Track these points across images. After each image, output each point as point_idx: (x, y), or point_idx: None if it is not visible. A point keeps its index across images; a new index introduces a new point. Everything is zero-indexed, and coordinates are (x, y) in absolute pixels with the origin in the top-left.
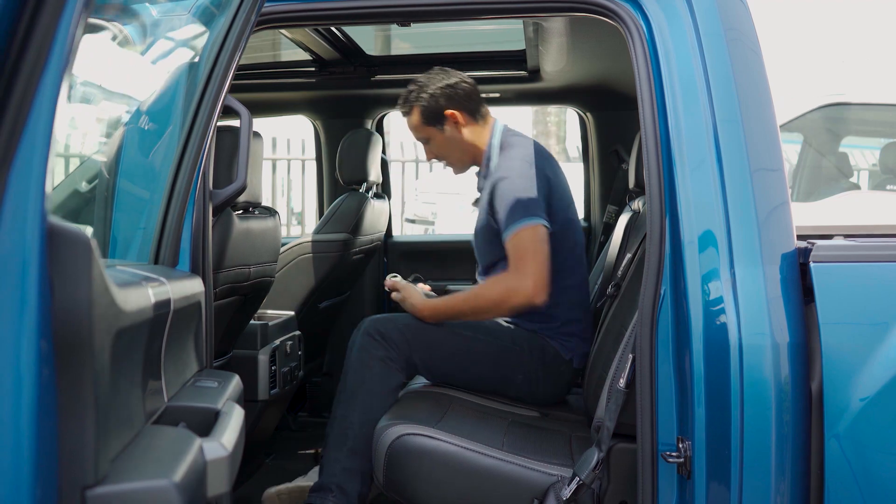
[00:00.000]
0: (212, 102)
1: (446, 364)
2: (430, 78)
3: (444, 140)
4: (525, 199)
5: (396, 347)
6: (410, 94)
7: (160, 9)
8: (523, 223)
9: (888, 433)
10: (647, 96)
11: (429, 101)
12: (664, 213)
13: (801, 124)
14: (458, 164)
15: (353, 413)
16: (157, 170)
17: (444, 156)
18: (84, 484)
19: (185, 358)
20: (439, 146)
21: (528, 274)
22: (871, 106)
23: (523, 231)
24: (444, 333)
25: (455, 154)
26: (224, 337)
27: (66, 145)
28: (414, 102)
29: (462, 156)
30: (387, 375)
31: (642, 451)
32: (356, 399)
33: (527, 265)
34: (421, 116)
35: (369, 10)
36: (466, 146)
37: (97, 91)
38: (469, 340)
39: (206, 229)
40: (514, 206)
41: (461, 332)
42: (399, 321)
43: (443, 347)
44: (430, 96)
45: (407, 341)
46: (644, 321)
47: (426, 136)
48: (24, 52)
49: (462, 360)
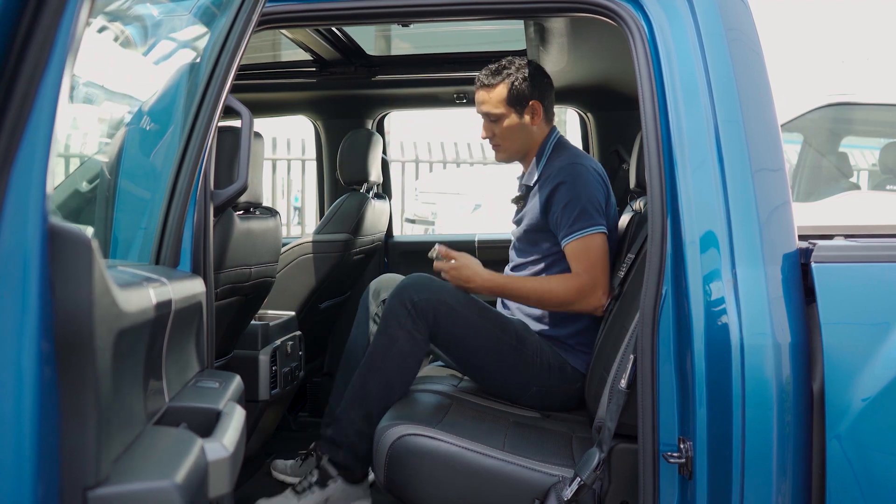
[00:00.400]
0: (213, 103)
1: (467, 355)
2: (524, 62)
3: (515, 125)
4: (591, 205)
5: (425, 322)
6: (504, 68)
7: (161, 9)
8: (592, 229)
9: (889, 433)
10: (648, 96)
11: (521, 83)
12: (665, 214)
13: (801, 124)
14: (510, 152)
15: (372, 380)
16: (158, 170)
17: (506, 139)
18: (85, 484)
19: (186, 358)
20: (507, 129)
21: (599, 282)
22: (871, 106)
23: (594, 238)
24: (475, 326)
25: (516, 142)
26: (225, 337)
27: (67, 145)
28: (506, 78)
29: (521, 146)
30: (411, 347)
31: (643, 452)
32: (378, 367)
33: (598, 272)
34: (508, 94)
35: (369, 10)
36: (530, 139)
37: (99, 91)
38: (497, 341)
39: (208, 230)
40: (581, 210)
41: (492, 330)
42: (436, 294)
43: (470, 339)
44: (525, 79)
45: (436, 320)
46: (645, 321)
47: (500, 114)
48: (25, 51)
49: (483, 357)
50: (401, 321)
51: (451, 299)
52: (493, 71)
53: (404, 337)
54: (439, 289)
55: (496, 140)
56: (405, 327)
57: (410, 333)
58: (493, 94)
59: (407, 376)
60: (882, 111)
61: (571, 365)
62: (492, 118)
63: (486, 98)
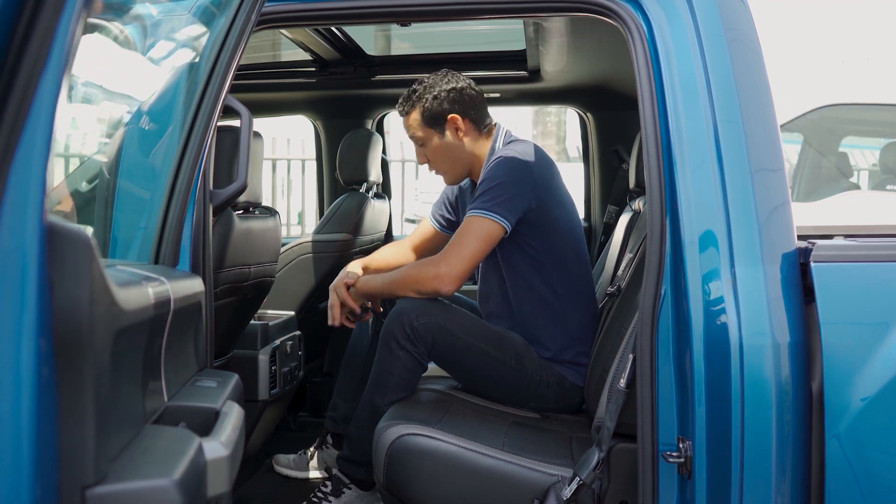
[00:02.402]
0: (212, 102)
1: (465, 375)
2: (436, 79)
3: (440, 145)
4: (504, 194)
5: (424, 344)
6: (414, 92)
7: (160, 9)
8: (486, 213)
9: (889, 433)
10: (647, 96)
11: (432, 103)
12: (665, 213)
13: (801, 124)
14: (450, 174)
15: (383, 399)
16: (157, 169)
17: (438, 161)
18: (84, 483)
19: (185, 358)
20: (434, 151)
21: (446, 262)
22: (871, 106)
23: (479, 220)
24: (473, 349)
25: (449, 162)
26: (224, 337)
27: (66, 145)
28: (416, 102)
29: (455, 165)
30: (413, 365)
31: (643, 451)
32: (387, 387)
33: (453, 252)
34: (421, 117)
35: (369, 10)
36: (464, 155)
37: (98, 91)
38: (495, 363)
39: (207, 229)
40: (490, 194)
41: (491, 352)
42: (434, 319)
43: (467, 361)
44: (434, 98)
45: (434, 343)
46: (644, 321)
47: (423, 138)
48: (23, 50)
49: (481, 378)
50: (400, 343)
51: (449, 324)
52: (405, 97)
53: (405, 357)
54: (440, 313)
55: (431, 165)
56: (405, 348)
57: (410, 353)
58: (410, 119)
59: (411, 390)
60: (882, 111)
61: (570, 381)
62: (418, 142)
63: (407, 124)
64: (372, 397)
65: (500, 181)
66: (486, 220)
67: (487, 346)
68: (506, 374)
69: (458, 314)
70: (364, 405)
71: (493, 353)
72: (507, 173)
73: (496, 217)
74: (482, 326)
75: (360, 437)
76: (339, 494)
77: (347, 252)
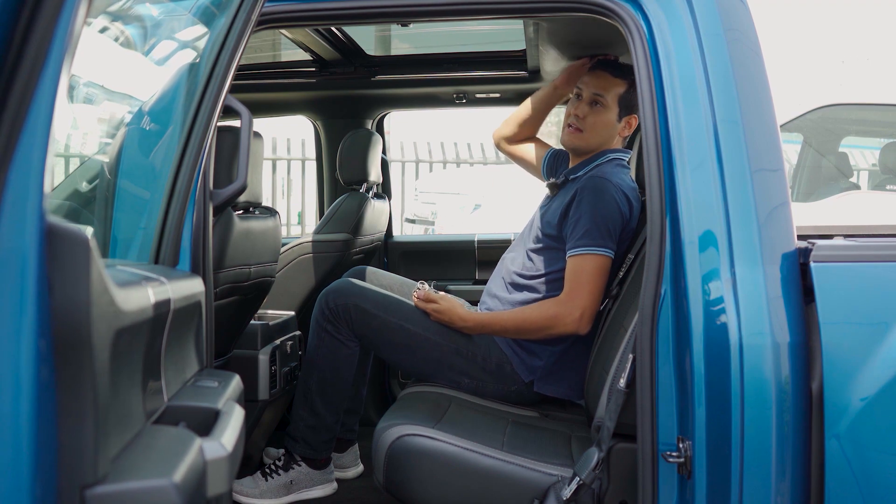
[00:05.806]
0: (212, 102)
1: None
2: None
3: (608, 122)
4: (605, 225)
5: (345, 324)
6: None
7: (161, 9)
8: (593, 249)
9: (888, 433)
10: (647, 96)
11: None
12: (664, 213)
13: (801, 124)
14: (582, 141)
15: (311, 379)
16: (157, 169)
17: (589, 126)
18: (83, 483)
19: (185, 358)
20: (599, 120)
21: (578, 305)
22: (871, 106)
23: (591, 257)
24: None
25: (594, 135)
26: (224, 337)
27: (66, 145)
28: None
29: (595, 142)
30: (336, 346)
31: (642, 451)
32: (314, 365)
33: (581, 294)
34: (623, 92)
35: (369, 10)
36: (605, 142)
37: (98, 91)
38: (415, 337)
39: (207, 229)
40: (592, 226)
41: (407, 328)
42: (349, 299)
43: (385, 336)
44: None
45: (352, 322)
46: (644, 321)
47: (605, 104)
48: (23, 49)
49: (403, 355)
50: (321, 324)
51: (365, 303)
52: (627, 67)
53: (328, 338)
54: (357, 293)
55: (583, 124)
56: (326, 329)
57: (331, 334)
58: (612, 83)
59: (343, 372)
60: (882, 111)
61: (512, 366)
62: (596, 102)
63: (604, 84)
64: (305, 378)
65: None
66: (596, 257)
67: (406, 323)
68: (430, 350)
69: (374, 293)
70: (299, 385)
71: (414, 328)
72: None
73: (595, 251)
74: (401, 304)
75: (296, 414)
76: (289, 469)
77: (347, 252)
